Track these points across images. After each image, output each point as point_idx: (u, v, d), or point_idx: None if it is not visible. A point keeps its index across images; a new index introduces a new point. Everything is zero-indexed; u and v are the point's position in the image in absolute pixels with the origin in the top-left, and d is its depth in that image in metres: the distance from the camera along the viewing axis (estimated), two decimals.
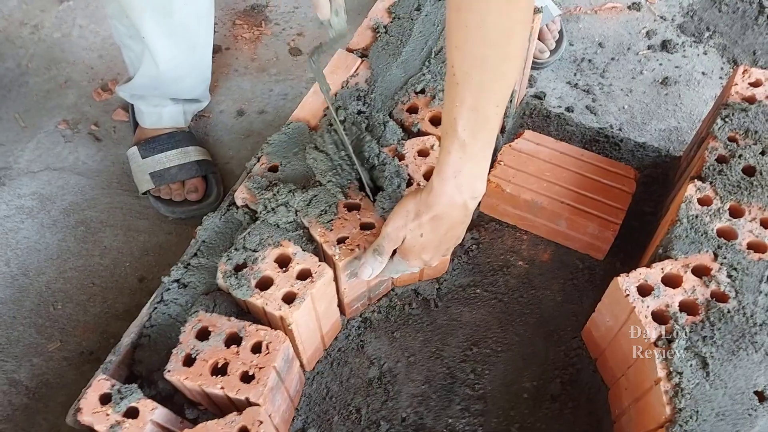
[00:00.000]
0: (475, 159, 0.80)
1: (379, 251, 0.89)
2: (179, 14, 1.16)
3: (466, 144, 0.78)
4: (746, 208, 0.93)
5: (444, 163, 0.80)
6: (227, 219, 0.99)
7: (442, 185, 0.81)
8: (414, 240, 0.86)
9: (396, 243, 0.88)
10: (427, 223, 0.84)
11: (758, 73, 1.05)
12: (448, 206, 0.83)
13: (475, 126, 0.77)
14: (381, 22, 1.13)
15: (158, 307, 0.93)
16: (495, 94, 0.76)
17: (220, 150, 1.43)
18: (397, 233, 0.87)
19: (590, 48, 1.55)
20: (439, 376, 1.05)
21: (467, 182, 0.81)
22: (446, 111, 0.79)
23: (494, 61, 0.73)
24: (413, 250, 0.88)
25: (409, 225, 0.85)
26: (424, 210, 0.84)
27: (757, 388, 0.81)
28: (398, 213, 0.86)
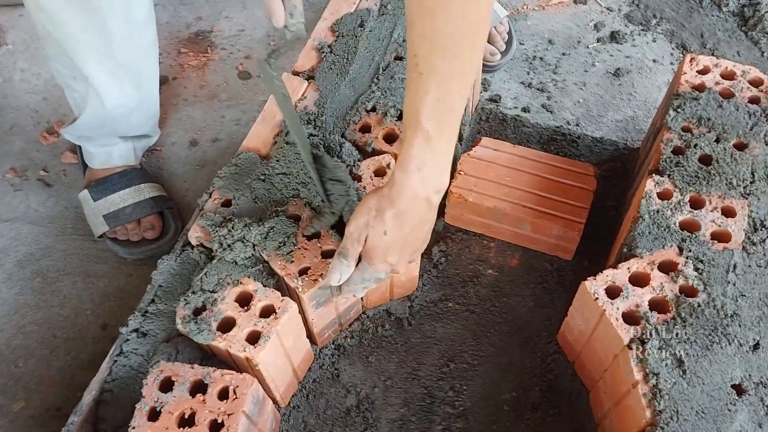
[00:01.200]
0: (439, 151, 0.77)
1: (344, 254, 0.85)
2: (121, 52, 1.13)
3: (431, 136, 0.75)
4: (706, 198, 0.92)
5: (407, 155, 0.77)
6: (183, 260, 0.96)
7: (405, 179, 0.78)
8: (377, 239, 0.82)
9: (359, 243, 0.84)
10: (390, 220, 0.80)
11: (705, 60, 1.05)
12: (412, 201, 0.79)
13: (440, 117, 0.75)
14: (325, 41, 1.11)
15: (118, 360, 0.90)
16: (460, 84, 0.74)
17: (176, 183, 1.39)
18: (359, 232, 0.83)
19: (541, 45, 1.55)
20: (417, 397, 1.03)
21: (431, 175, 0.78)
22: (409, 102, 0.76)
23: (461, 50, 0.71)
24: (377, 251, 0.84)
25: (372, 222, 0.82)
26: (387, 205, 0.80)
27: (734, 381, 0.80)
28: (360, 211, 0.83)
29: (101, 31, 1.08)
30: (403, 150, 0.77)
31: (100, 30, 1.07)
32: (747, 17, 1.53)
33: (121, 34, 1.10)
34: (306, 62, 1.10)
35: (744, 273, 0.87)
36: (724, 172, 0.94)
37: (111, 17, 1.06)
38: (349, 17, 1.12)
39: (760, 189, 0.94)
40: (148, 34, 1.19)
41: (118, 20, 1.08)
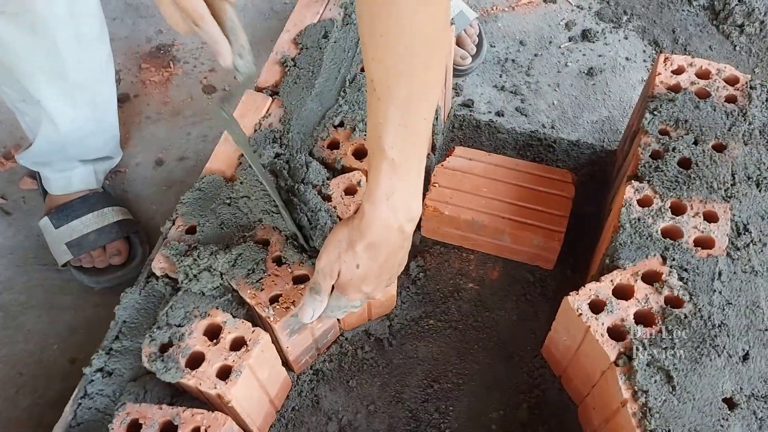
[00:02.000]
0: (407, 178, 0.73)
1: (316, 290, 0.81)
2: (75, 73, 1.08)
3: (396, 163, 0.71)
4: (687, 204, 0.90)
5: (374, 185, 0.73)
6: (148, 292, 0.91)
7: (374, 209, 0.74)
8: (350, 272, 0.78)
9: (332, 277, 0.80)
10: (362, 253, 0.77)
11: (679, 60, 1.03)
12: (383, 231, 0.75)
13: (405, 142, 0.70)
14: (288, 54, 1.07)
15: (83, 403, 0.85)
16: (422, 106, 0.70)
17: (142, 206, 1.34)
18: (331, 267, 0.79)
19: (512, 47, 1.52)
20: (402, 421, 0.99)
21: (401, 204, 0.74)
22: (370, 129, 0.72)
23: (419, 72, 0.67)
24: (351, 284, 0.80)
25: (343, 256, 0.78)
26: (358, 238, 0.76)
27: (725, 395, 0.77)
28: (330, 244, 0.78)
29: (50, 51, 1.02)
30: (370, 179, 0.73)
31: (49, 50, 1.02)
32: (717, 11, 1.52)
33: (71, 52, 1.05)
34: (269, 77, 1.05)
35: (729, 280, 0.85)
36: (704, 175, 0.91)
37: (59, 36, 1.01)
38: (312, 28, 1.08)
39: (741, 191, 0.91)
40: (102, 52, 1.13)
41: (68, 38, 1.03)
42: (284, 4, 1.62)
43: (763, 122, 0.97)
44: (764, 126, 0.97)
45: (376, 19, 0.63)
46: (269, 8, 1.61)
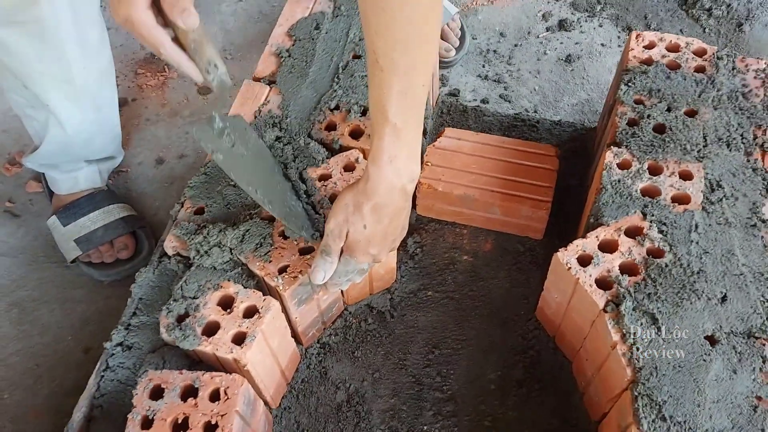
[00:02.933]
0: (408, 141, 0.80)
1: (326, 251, 0.87)
2: (80, 78, 1.13)
3: (399, 128, 0.78)
4: (663, 165, 0.96)
5: (378, 149, 0.79)
6: (161, 271, 0.96)
7: (379, 172, 0.80)
8: (358, 233, 0.84)
9: (341, 239, 0.85)
10: (369, 214, 0.82)
11: (650, 36, 1.10)
12: (388, 192, 0.82)
13: (406, 109, 0.77)
14: (283, 46, 1.13)
15: (105, 375, 0.90)
16: (420, 75, 0.76)
17: (146, 202, 1.39)
18: (340, 229, 0.84)
19: (493, 38, 1.59)
20: (406, 386, 1.04)
21: (404, 165, 0.81)
22: (373, 98, 0.78)
23: (418, 43, 0.74)
24: (359, 245, 0.85)
25: (351, 218, 0.83)
26: (364, 200, 0.82)
27: (706, 333, 0.83)
28: (338, 208, 0.84)
29: (58, 58, 1.08)
30: (374, 144, 0.80)
31: (56, 56, 1.08)
32: None
33: (77, 58, 1.10)
34: (266, 68, 1.11)
35: (705, 232, 0.91)
36: (678, 138, 0.98)
37: (66, 43, 1.06)
38: (304, 21, 1.14)
39: (713, 152, 0.98)
40: (104, 57, 1.19)
41: (73, 45, 1.08)
42: (272, 7, 1.68)
43: (730, 89, 1.04)
44: (731, 92, 1.04)
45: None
46: (258, 11, 1.68)
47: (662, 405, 0.78)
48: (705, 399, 0.79)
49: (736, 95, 1.03)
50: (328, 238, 0.85)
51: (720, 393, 0.80)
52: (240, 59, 1.59)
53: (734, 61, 1.07)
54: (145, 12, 0.74)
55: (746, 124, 1.00)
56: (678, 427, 0.77)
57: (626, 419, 0.82)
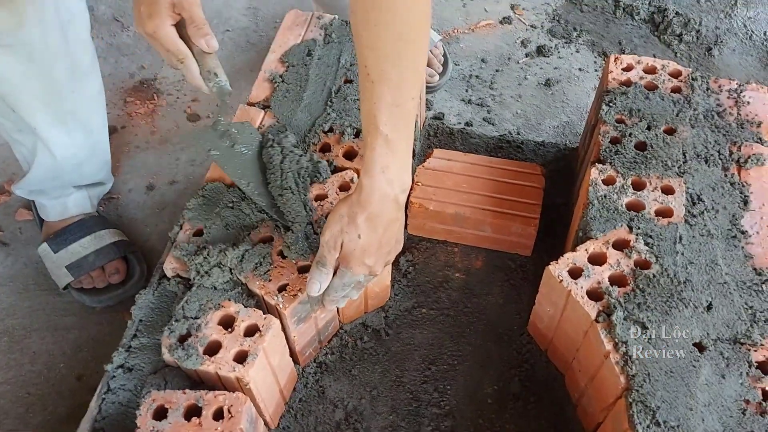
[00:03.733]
0: (399, 152, 0.82)
1: (322, 262, 0.88)
2: (69, 101, 1.14)
3: (390, 139, 0.80)
4: (646, 180, 1.01)
5: (370, 160, 0.82)
6: (160, 293, 0.97)
7: (372, 182, 0.82)
8: (353, 243, 0.86)
9: (336, 250, 0.87)
10: (363, 224, 0.84)
11: (628, 59, 1.15)
12: (381, 202, 0.84)
13: (397, 120, 0.80)
14: (276, 72, 1.16)
15: (106, 398, 0.90)
16: (410, 87, 0.80)
17: (137, 228, 1.40)
18: (335, 240, 0.86)
19: (475, 64, 1.64)
20: (404, 402, 1.05)
21: (396, 176, 0.83)
22: (365, 110, 0.81)
23: (408, 56, 0.77)
24: (354, 255, 0.87)
25: (345, 229, 0.85)
26: (359, 210, 0.84)
27: (694, 340, 0.86)
28: (333, 219, 0.86)
29: (45, 80, 1.09)
30: (366, 156, 0.82)
31: (44, 80, 1.09)
32: (657, 23, 1.67)
33: (65, 82, 1.11)
34: (260, 93, 1.14)
35: (690, 243, 0.95)
36: (659, 155, 1.03)
37: (54, 65, 1.08)
38: (297, 48, 1.18)
39: (692, 167, 1.02)
40: (94, 82, 1.20)
41: (62, 69, 1.09)
42: (260, 36, 1.72)
43: (706, 108, 1.10)
44: (707, 111, 1.09)
45: (371, 11, 0.74)
46: (245, 41, 1.71)
47: (656, 410, 0.81)
48: (697, 403, 0.82)
49: (712, 114, 1.08)
50: (323, 249, 0.87)
51: (710, 397, 0.83)
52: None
53: (708, 82, 1.13)
54: (170, 28, 0.89)
55: (722, 141, 1.05)
56: (672, 431, 0.80)
57: (621, 426, 0.84)
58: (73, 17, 1.09)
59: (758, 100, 1.10)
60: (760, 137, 1.06)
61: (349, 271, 0.88)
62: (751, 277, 0.93)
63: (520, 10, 1.73)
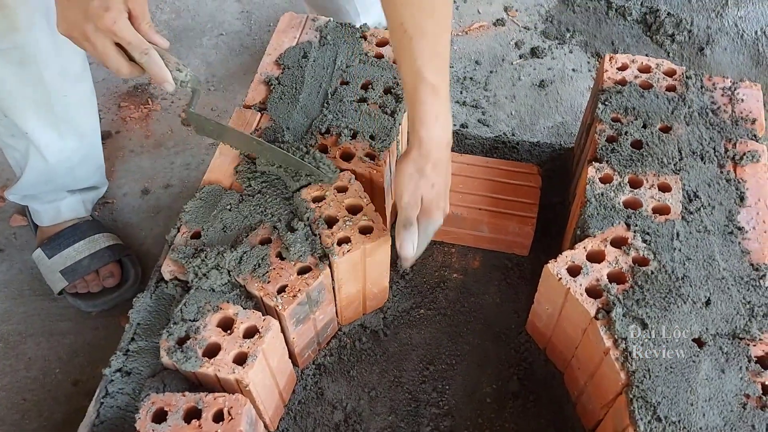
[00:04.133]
0: (445, 98, 0.88)
1: (409, 222, 0.91)
2: (60, 105, 1.14)
3: (437, 87, 0.85)
4: (643, 178, 1.01)
5: (424, 113, 0.86)
6: (158, 296, 0.97)
7: (429, 133, 0.87)
8: (430, 194, 0.90)
9: (417, 206, 0.91)
10: (432, 174, 0.89)
11: (623, 58, 1.15)
12: (441, 149, 0.89)
13: (440, 68, 0.86)
14: (272, 75, 1.16)
15: (105, 402, 0.89)
16: (445, 35, 0.86)
17: (132, 232, 1.39)
18: (415, 198, 0.90)
19: (469, 66, 1.64)
20: (403, 402, 1.05)
21: (446, 120, 0.89)
22: (407, 67, 0.85)
23: (440, 7, 0.84)
24: (433, 204, 0.91)
25: (419, 183, 0.89)
26: (425, 163, 0.88)
27: (693, 335, 0.87)
28: (403, 181, 0.90)
29: (37, 84, 1.09)
30: (418, 110, 0.86)
31: (36, 84, 1.09)
32: (650, 23, 1.68)
33: (57, 86, 1.11)
34: (256, 95, 1.14)
35: (687, 239, 0.95)
36: (655, 153, 1.03)
37: (45, 69, 1.08)
38: (292, 50, 1.18)
39: (688, 164, 1.03)
40: (85, 86, 1.20)
41: (53, 73, 1.09)
42: (253, 40, 1.72)
43: (700, 106, 1.10)
44: (701, 109, 1.10)
45: None
46: (239, 44, 1.71)
47: (657, 406, 0.81)
48: (697, 398, 0.82)
49: (706, 111, 1.09)
50: (406, 210, 0.91)
51: (711, 392, 0.83)
52: (223, 90, 1.62)
53: (702, 80, 1.13)
54: (124, 19, 0.84)
55: (717, 138, 1.06)
56: (673, 426, 0.80)
57: (622, 423, 0.84)
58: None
59: (752, 98, 1.11)
60: (754, 134, 1.07)
61: (431, 220, 0.92)
62: (748, 272, 0.93)
63: (513, 11, 1.74)
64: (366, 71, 1.14)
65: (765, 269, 0.93)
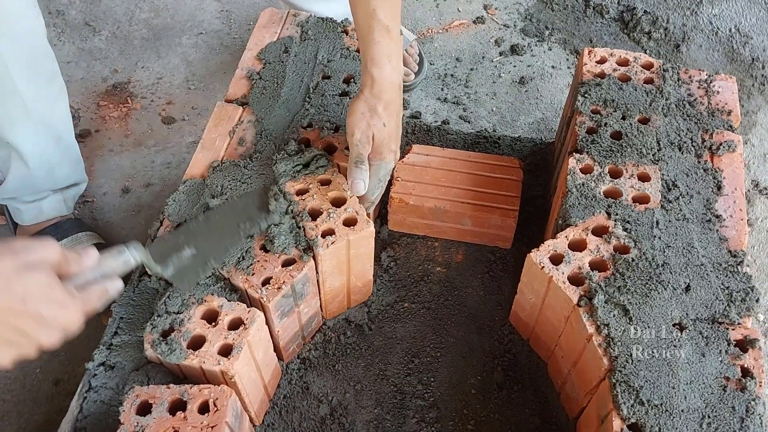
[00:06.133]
0: (397, 40, 0.91)
1: (359, 160, 0.95)
2: (36, 110, 1.13)
3: (389, 28, 0.89)
4: (623, 168, 1.02)
5: (377, 53, 0.90)
6: (141, 290, 0.96)
7: (381, 73, 0.91)
8: (381, 132, 0.93)
9: (369, 144, 0.94)
10: (383, 113, 0.92)
11: (602, 52, 1.17)
12: (392, 89, 0.93)
13: (393, 12, 0.90)
14: (253, 69, 1.16)
15: (88, 396, 0.88)
16: None
17: (113, 231, 1.38)
18: (366, 135, 0.93)
19: (450, 63, 1.65)
20: (389, 395, 1.05)
21: (397, 62, 0.93)
22: (362, 11, 0.89)
23: None
24: (384, 144, 0.95)
25: (371, 122, 0.92)
26: (376, 102, 0.92)
27: (674, 320, 0.88)
28: (355, 119, 0.93)
29: (13, 95, 1.08)
30: (371, 51, 0.90)
31: (12, 94, 1.08)
32: (627, 21, 1.70)
33: (31, 92, 1.11)
34: (237, 90, 1.14)
35: (666, 227, 0.97)
36: (634, 144, 1.04)
37: (19, 79, 1.07)
38: (273, 45, 1.18)
39: (667, 155, 1.05)
40: (55, 84, 1.19)
41: (26, 80, 1.08)
42: (233, 39, 1.71)
43: (678, 98, 1.12)
44: (679, 101, 1.12)
45: None
46: (219, 43, 1.71)
47: (639, 390, 0.82)
48: (679, 381, 0.83)
49: (683, 103, 1.11)
50: (357, 148, 0.93)
51: (692, 375, 0.84)
52: (203, 89, 1.61)
53: (678, 73, 1.15)
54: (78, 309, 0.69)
55: (694, 129, 1.08)
56: (656, 409, 0.81)
57: (606, 408, 0.85)
58: (31, 29, 1.07)
59: (727, 90, 1.13)
60: (730, 125, 1.09)
61: (382, 161, 0.96)
62: (726, 258, 0.95)
63: (492, 9, 1.76)
64: (347, 65, 1.15)
65: (742, 255, 0.95)
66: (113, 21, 1.73)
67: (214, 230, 0.91)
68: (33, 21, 1.07)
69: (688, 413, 0.81)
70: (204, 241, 0.88)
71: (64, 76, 1.21)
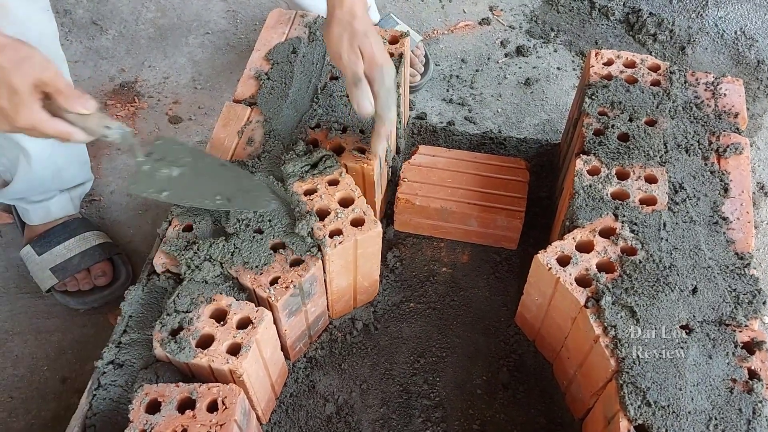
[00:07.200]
0: None
1: (356, 78, 0.93)
2: None
3: None
4: (630, 170, 1.03)
5: None
6: (150, 289, 0.96)
7: None
8: (366, 42, 0.91)
9: (358, 57, 0.92)
10: (360, 25, 0.91)
11: (608, 53, 1.17)
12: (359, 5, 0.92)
13: None
14: (261, 70, 1.16)
15: (97, 394, 0.88)
16: None
17: (120, 230, 1.38)
18: (354, 50, 0.91)
19: (455, 64, 1.66)
20: (395, 395, 1.06)
21: None
22: None
23: None
24: (375, 51, 0.92)
25: (353, 39, 0.91)
26: (350, 18, 0.91)
27: (681, 322, 0.88)
28: (335, 43, 0.92)
29: None
30: None
31: None
32: (632, 23, 1.71)
33: None
34: (245, 90, 1.14)
35: (673, 229, 0.97)
36: (641, 146, 1.05)
37: None
38: (281, 46, 1.18)
39: (674, 157, 1.05)
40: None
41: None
42: (239, 39, 1.72)
43: (684, 100, 1.12)
44: (686, 103, 1.12)
45: None
46: (225, 43, 1.71)
47: (646, 391, 0.83)
48: (686, 383, 0.83)
49: (690, 106, 1.11)
50: (350, 66, 0.92)
51: (699, 377, 0.84)
52: (210, 89, 1.61)
53: (685, 75, 1.16)
54: (42, 112, 0.79)
55: (701, 132, 1.08)
56: (662, 411, 0.82)
57: (612, 409, 0.86)
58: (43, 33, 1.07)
59: (734, 92, 1.13)
60: (737, 127, 1.09)
61: (381, 68, 0.93)
62: (733, 261, 0.95)
63: (498, 11, 1.76)
64: None
65: (749, 258, 0.95)
66: (120, 20, 1.74)
67: (209, 180, 0.95)
68: (45, 25, 1.07)
69: (695, 415, 0.82)
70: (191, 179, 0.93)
71: (72, 76, 1.21)
